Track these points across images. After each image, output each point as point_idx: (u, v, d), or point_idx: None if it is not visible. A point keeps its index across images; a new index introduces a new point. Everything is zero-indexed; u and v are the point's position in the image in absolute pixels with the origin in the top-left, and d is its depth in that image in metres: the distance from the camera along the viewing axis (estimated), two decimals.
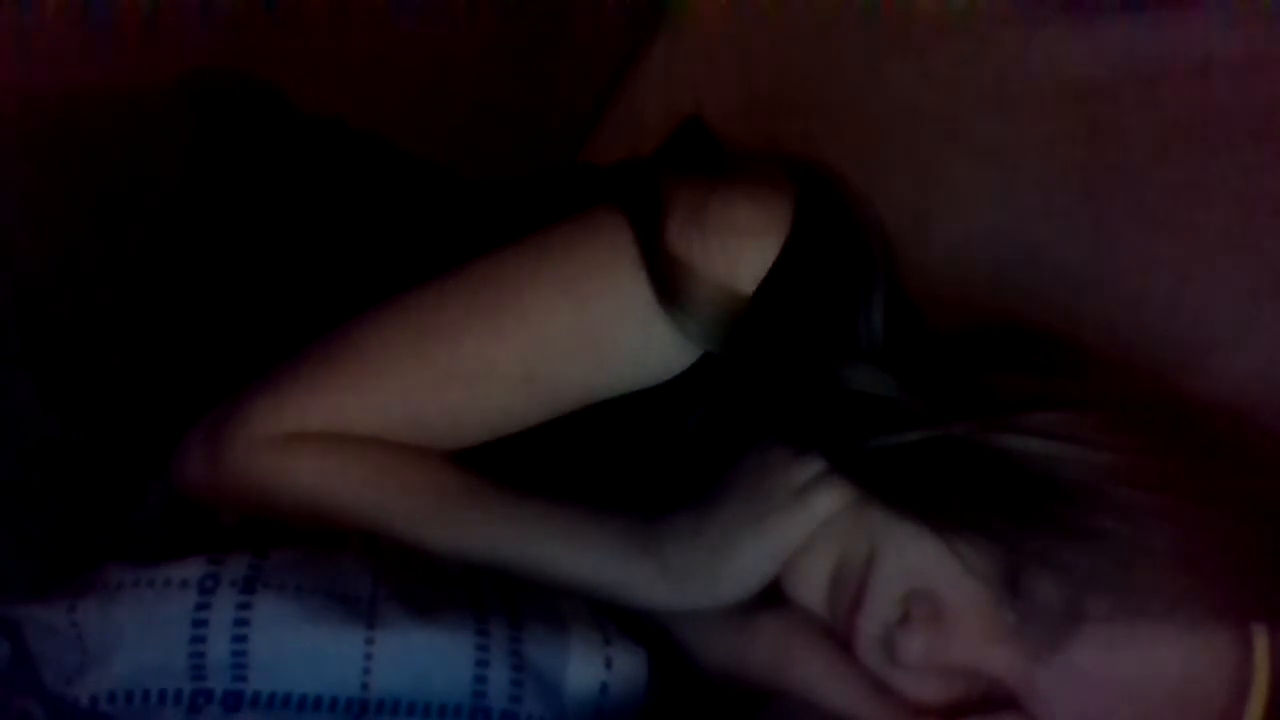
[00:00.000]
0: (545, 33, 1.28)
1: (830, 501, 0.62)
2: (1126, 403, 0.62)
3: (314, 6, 1.17)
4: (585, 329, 0.64)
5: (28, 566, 0.59)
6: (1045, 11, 0.95)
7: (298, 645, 0.56)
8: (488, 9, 1.25)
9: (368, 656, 0.56)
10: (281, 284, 0.74)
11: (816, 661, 0.62)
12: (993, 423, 0.60)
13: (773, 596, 0.64)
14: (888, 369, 0.63)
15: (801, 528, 0.62)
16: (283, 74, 0.87)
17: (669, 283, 0.63)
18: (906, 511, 0.61)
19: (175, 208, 0.74)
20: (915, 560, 0.60)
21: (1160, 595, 0.57)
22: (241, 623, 0.56)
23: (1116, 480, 0.58)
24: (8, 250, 0.69)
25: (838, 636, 0.62)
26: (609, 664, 0.60)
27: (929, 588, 0.60)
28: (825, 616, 0.63)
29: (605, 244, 0.64)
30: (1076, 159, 0.89)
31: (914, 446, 0.61)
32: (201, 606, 0.56)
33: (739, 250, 0.63)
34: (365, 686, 0.56)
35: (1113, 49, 0.90)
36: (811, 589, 0.63)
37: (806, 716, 0.62)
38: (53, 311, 0.69)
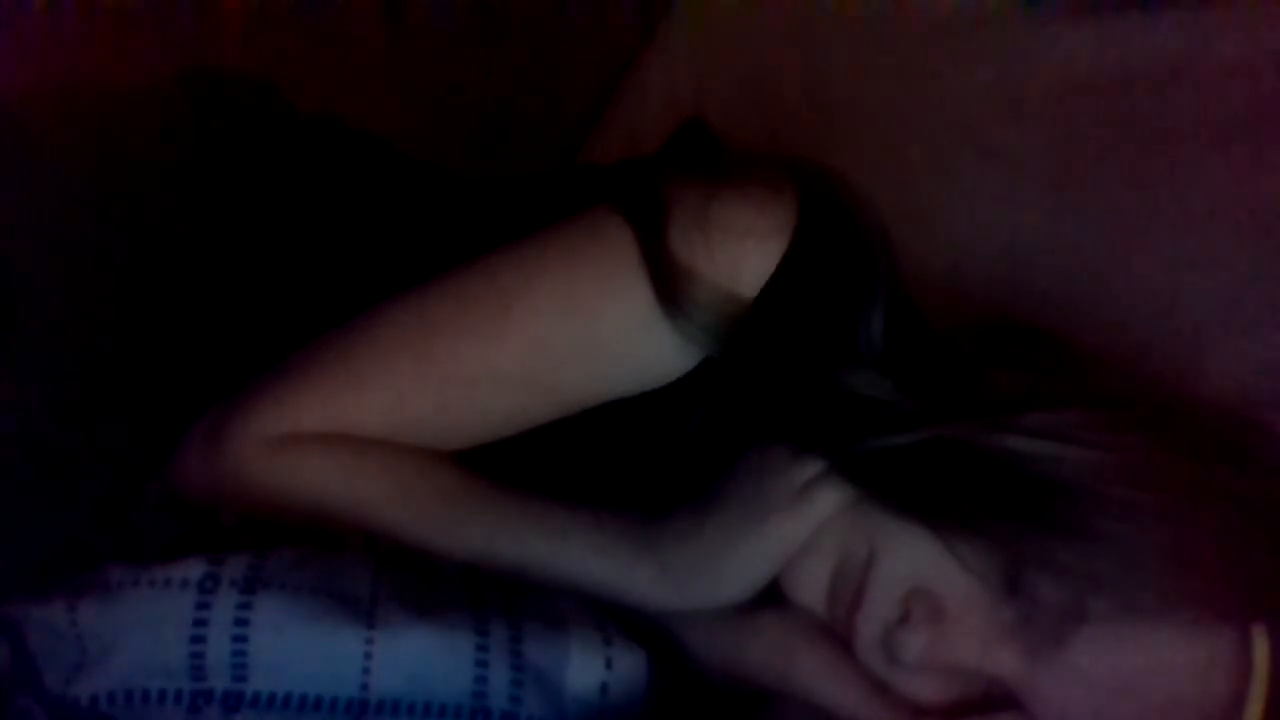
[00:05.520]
0: (546, 33, 1.28)
1: (830, 502, 0.62)
2: (1126, 403, 0.62)
3: (314, 6, 1.17)
4: (585, 331, 0.64)
5: (28, 566, 0.59)
6: (1049, 11, 0.95)
7: (298, 645, 0.56)
8: (488, 9, 1.25)
9: (368, 656, 0.56)
10: (281, 283, 0.74)
11: (816, 661, 0.62)
12: (992, 423, 0.60)
13: (773, 596, 0.64)
14: (888, 371, 0.63)
15: (801, 528, 0.62)
16: (283, 74, 0.87)
17: (670, 286, 0.62)
18: (906, 512, 0.61)
19: (174, 207, 0.74)
20: (915, 560, 0.60)
21: (1160, 595, 0.57)
22: (241, 623, 0.56)
23: (1116, 480, 0.58)
24: (6, 249, 0.69)
25: (838, 636, 0.62)
26: (609, 664, 0.60)
27: (929, 588, 0.60)
28: (825, 616, 0.63)
29: (606, 246, 0.64)
30: (1079, 159, 0.89)
31: (914, 447, 0.61)
32: (201, 606, 0.56)
33: (741, 253, 0.63)
34: (365, 687, 0.56)
35: (1116, 49, 0.90)
36: (811, 589, 0.63)
37: (806, 716, 0.62)
38: (51, 310, 0.69)
